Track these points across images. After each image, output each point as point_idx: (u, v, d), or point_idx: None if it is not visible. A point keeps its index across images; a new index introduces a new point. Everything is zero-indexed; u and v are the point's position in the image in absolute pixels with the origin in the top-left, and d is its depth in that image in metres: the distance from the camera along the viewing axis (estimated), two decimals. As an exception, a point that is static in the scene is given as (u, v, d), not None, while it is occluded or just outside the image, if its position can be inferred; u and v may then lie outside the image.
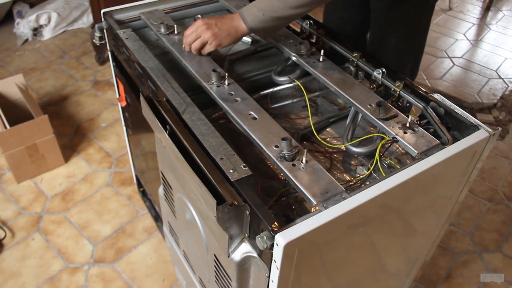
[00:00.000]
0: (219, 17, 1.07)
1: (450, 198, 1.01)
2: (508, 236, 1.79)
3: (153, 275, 1.60)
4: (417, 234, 1.06)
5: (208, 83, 1.02)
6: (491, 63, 2.85)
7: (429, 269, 1.65)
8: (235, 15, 1.06)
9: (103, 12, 1.28)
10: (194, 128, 0.90)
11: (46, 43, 2.87)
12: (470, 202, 1.92)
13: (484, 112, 2.46)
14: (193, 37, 1.06)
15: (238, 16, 1.05)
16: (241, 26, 1.04)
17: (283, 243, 0.66)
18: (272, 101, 1.15)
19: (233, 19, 1.05)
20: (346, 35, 1.21)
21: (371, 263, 1.00)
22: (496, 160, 2.14)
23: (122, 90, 1.39)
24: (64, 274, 1.60)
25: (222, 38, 1.05)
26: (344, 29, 1.47)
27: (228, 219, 0.76)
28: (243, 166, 0.81)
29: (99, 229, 1.75)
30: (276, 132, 0.89)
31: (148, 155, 1.43)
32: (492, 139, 0.90)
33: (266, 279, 0.76)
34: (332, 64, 1.09)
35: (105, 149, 2.10)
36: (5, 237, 1.70)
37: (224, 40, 1.05)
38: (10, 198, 1.86)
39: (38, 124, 1.82)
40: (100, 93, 2.45)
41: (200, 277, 1.17)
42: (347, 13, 1.47)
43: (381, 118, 0.93)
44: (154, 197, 1.62)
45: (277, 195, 0.89)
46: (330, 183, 0.78)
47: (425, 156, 0.84)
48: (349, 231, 0.80)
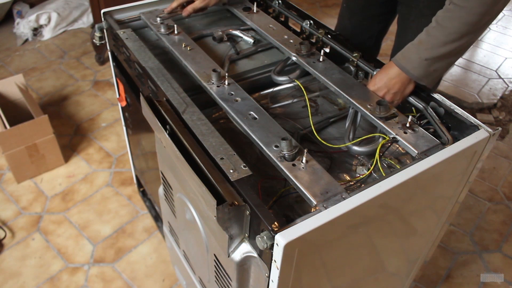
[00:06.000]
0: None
1: (450, 198, 1.01)
2: (508, 236, 1.79)
3: (153, 275, 1.60)
4: (417, 234, 1.06)
5: (208, 83, 1.02)
6: (491, 63, 2.85)
7: (429, 269, 1.65)
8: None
9: (103, 12, 1.28)
10: (194, 128, 0.90)
11: (46, 43, 2.87)
12: (470, 202, 1.92)
13: (484, 112, 2.46)
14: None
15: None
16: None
17: (283, 243, 0.66)
18: (272, 101, 1.15)
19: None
20: (361, 43, 1.19)
21: (371, 263, 1.00)
22: (496, 160, 2.14)
23: (122, 90, 1.39)
24: (64, 274, 1.59)
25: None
26: (360, 37, 1.47)
27: (228, 219, 0.76)
28: (243, 166, 0.81)
29: (99, 229, 1.75)
30: (276, 132, 0.88)
31: (148, 155, 1.43)
32: (492, 139, 0.90)
33: (266, 279, 0.76)
34: (332, 64, 1.09)
35: (105, 149, 2.10)
36: (5, 237, 1.70)
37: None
38: (10, 198, 1.86)
39: (38, 124, 1.82)
40: (100, 93, 2.45)
41: (200, 277, 1.17)
42: (366, 22, 1.45)
43: (381, 118, 0.93)
44: (154, 197, 1.62)
45: (277, 195, 0.89)
46: (330, 183, 0.78)
47: (425, 156, 0.84)
48: (349, 231, 0.80)
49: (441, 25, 0.93)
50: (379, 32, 1.48)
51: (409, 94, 1.02)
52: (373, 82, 1.02)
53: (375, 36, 1.49)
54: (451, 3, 0.91)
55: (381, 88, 1.00)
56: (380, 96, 1.00)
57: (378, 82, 1.00)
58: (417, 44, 0.97)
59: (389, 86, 1.00)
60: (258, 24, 1.26)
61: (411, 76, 0.98)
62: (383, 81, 1.00)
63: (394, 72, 0.99)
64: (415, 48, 0.97)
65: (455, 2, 0.90)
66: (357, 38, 1.45)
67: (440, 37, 0.93)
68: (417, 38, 0.97)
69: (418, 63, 0.96)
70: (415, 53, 0.96)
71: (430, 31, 0.95)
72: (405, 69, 0.98)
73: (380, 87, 1.00)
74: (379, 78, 1.01)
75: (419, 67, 0.96)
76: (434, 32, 0.94)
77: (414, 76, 0.98)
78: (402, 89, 1.00)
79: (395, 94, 1.00)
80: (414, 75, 0.97)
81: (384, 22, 1.45)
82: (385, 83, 1.00)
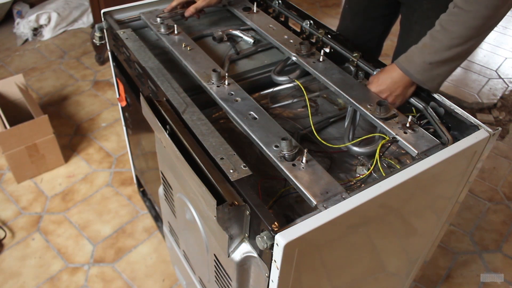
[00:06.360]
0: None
1: (450, 198, 1.01)
2: (508, 236, 1.79)
3: (153, 275, 1.60)
4: (417, 234, 1.06)
5: (208, 83, 1.02)
6: (491, 63, 2.85)
7: (429, 269, 1.65)
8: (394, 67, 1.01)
9: (103, 12, 1.28)
10: (194, 128, 0.90)
11: (46, 43, 2.87)
12: (470, 202, 1.92)
13: (484, 112, 2.46)
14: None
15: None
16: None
17: (283, 243, 0.66)
18: (272, 101, 1.15)
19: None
20: (363, 44, 1.18)
21: (371, 263, 1.00)
22: (496, 160, 2.14)
23: (122, 90, 1.39)
24: (64, 274, 1.59)
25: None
26: (362, 38, 1.46)
27: (228, 219, 0.76)
28: (243, 166, 0.81)
29: (99, 229, 1.75)
30: (276, 132, 0.88)
31: (148, 155, 1.43)
32: (492, 139, 0.90)
33: (266, 279, 0.76)
34: (332, 64, 1.09)
35: (105, 149, 2.10)
36: (5, 237, 1.70)
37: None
38: (10, 198, 1.86)
39: (38, 124, 1.82)
40: (100, 93, 2.45)
41: (200, 277, 1.17)
42: (368, 23, 1.45)
43: (381, 118, 0.93)
44: (154, 197, 1.62)
45: (277, 195, 0.89)
46: (330, 183, 0.78)
47: (425, 156, 0.84)
48: (349, 231, 0.80)
49: (445, 29, 0.92)
50: (381, 33, 1.48)
51: (410, 95, 1.02)
52: (375, 84, 1.01)
53: (377, 38, 1.48)
54: (456, 7, 0.90)
55: (384, 91, 1.00)
56: (382, 98, 0.99)
57: (381, 85, 1.00)
58: (421, 48, 0.96)
59: (392, 89, 0.99)
60: (258, 24, 1.26)
61: (415, 80, 0.97)
62: (386, 84, 0.99)
63: (398, 76, 0.98)
64: (419, 51, 0.96)
65: (459, 5, 0.89)
66: (359, 39, 1.44)
67: (444, 41, 0.92)
68: (421, 42, 0.96)
69: (422, 67, 0.96)
70: (419, 57, 0.96)
71: (434, 34, 0.94)
72: (409, 72, 0.97)
73: (383, 90, 1.00)
74: (382, 81, 1.00)
75: (423, 71, 0.96)
76: (438, 36, 0.93)
77: (418, 80, 0.97)
78: (405, 92, 1.00)
79: (397, 96, 1.00)
80: (418, 79, 0.97)
81: (386, 24, 1.45)
82: (388, 86, 0.99)
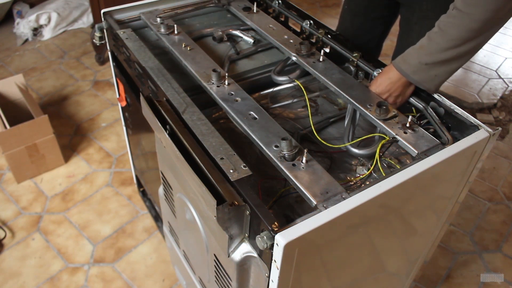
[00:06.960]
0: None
1: (450, 198, 1.01)
2: (508, 236, 1.79)
3: (153, 275, 1.60)
4: (417, 234, 1.06)
5: (208, 83, 1.02)
6: (491, 63, 2.85)
7: (429, 269, 1.65)
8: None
9: (103, 12, 1.28)
10: (194, 128, 0.90)
11: (46, 43, 2.87)
12: (470, 202, 1.92)
13: (484, 112, 2.46)
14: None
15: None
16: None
17: (283, 243, 0.66)
18: (272, 101, 1.15)
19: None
20: (363, 44, 1.18)
21: (371, 263, 1.00)
22: (496, 160, 2.14)
23: (122, 90, 1.39)
24: (64, 274, 1.59)
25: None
26: (362, 39, 1.46)
27: (228, 219, 0.76)
28: (243, 166, 0.81)
29: (99, 229, 1.75)
30: (276, 132, 0.88)
31: (148, 155, 1.43)
32: (492, 139, 0.90)
33: (266, 279, 0.76)
34: (332, 64, 1.09)
35: (105, 149, 2.10)
36: (5, 237, 1.70)
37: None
38: (10, 198, 1.86)
39: (38, 124, 1.82)
40: (100, 93, 2.45)
41: (200, 277, 1.17)
42: (368, 23, 1.45)
43: (381, 118, 0.93)
44: (154, 197, 1.62)
45: (277, 195, 0.89)
46: (330, 183, 0.78)
47: (425, 156, 0.84)
48: (349, 231, 0.80)
49: (443, 31, 0.92)
50: (380, 34, 1.48)
51: (410, 95, 1.02)
52: (375, 85, 1.02)
53: (376, 38, 1.49)
54: (455, 9, 0.91)
55: (383, 92, 1.00)
56: (382, 99, 1.00)
57: (380, 86, 1.01)
58: (418, 49, 0.97)
59: (391, 90, 1.00)
60: (258, 24, 1.26)
61: (411, 80, 0.98)
62: (384, 85, 1.00)
63: (395, 76, 0.99)
64: (416, 52, 0.97)
65: (458, 7, 0.90)
66: (358, 40, 1.44)
67: (441, 42, 0.93)
68: (419, 43, 0.97)
69: (418, 68, 0.96)
70: (415, 58, 0.96)
71: (431, 36, 0.95)
72: (405, 73, 0.98)
73: (382, 91, 1.01)
74: (380, 82, 1.01)
75: (419, 72, 0.96)
76: (435, 37, 0.94)
77: (414, 80, 0.98)
78: (404, 92, 1.01)
79: (397, 97, 1.01)
80: (414, 79, 0.97)
81: (385, 24, 1.45)
82: (386, 87, 1.00)
